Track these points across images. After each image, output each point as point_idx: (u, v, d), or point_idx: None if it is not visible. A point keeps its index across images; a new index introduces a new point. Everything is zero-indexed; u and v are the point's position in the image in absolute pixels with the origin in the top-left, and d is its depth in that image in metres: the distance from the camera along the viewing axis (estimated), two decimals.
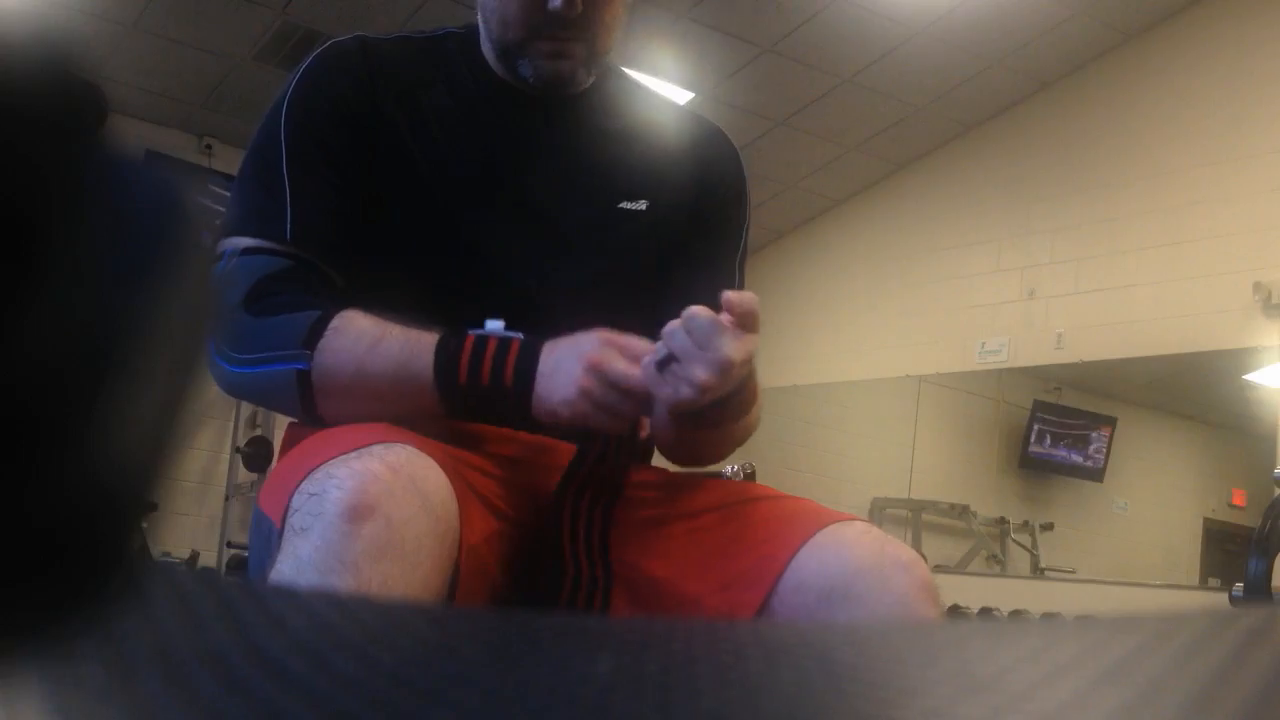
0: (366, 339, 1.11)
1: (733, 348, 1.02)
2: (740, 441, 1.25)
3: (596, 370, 1.06)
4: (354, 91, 1.24)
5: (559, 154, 1.29)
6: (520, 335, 1.12)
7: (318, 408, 1.13)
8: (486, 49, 1.29)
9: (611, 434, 1.13)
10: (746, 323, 1.03)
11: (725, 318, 1.03)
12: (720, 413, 1.10)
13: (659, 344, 1.05)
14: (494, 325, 1.15)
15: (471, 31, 1.32)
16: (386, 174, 1.23)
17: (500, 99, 1.28)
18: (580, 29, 1.21)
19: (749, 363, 1.06)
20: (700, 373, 1.02)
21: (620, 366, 1.06)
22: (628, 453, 1.19)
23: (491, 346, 1.10)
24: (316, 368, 1.11)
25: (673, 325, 1.04)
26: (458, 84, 1.28)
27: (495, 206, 1.25)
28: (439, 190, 1.23)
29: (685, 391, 1.02)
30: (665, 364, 1.04)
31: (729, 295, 1.03)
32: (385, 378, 1.11)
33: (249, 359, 1.14)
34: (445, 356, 1.10)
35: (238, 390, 1.19)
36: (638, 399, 1.07)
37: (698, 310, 1.03)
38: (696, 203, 1.33)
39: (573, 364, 1.07)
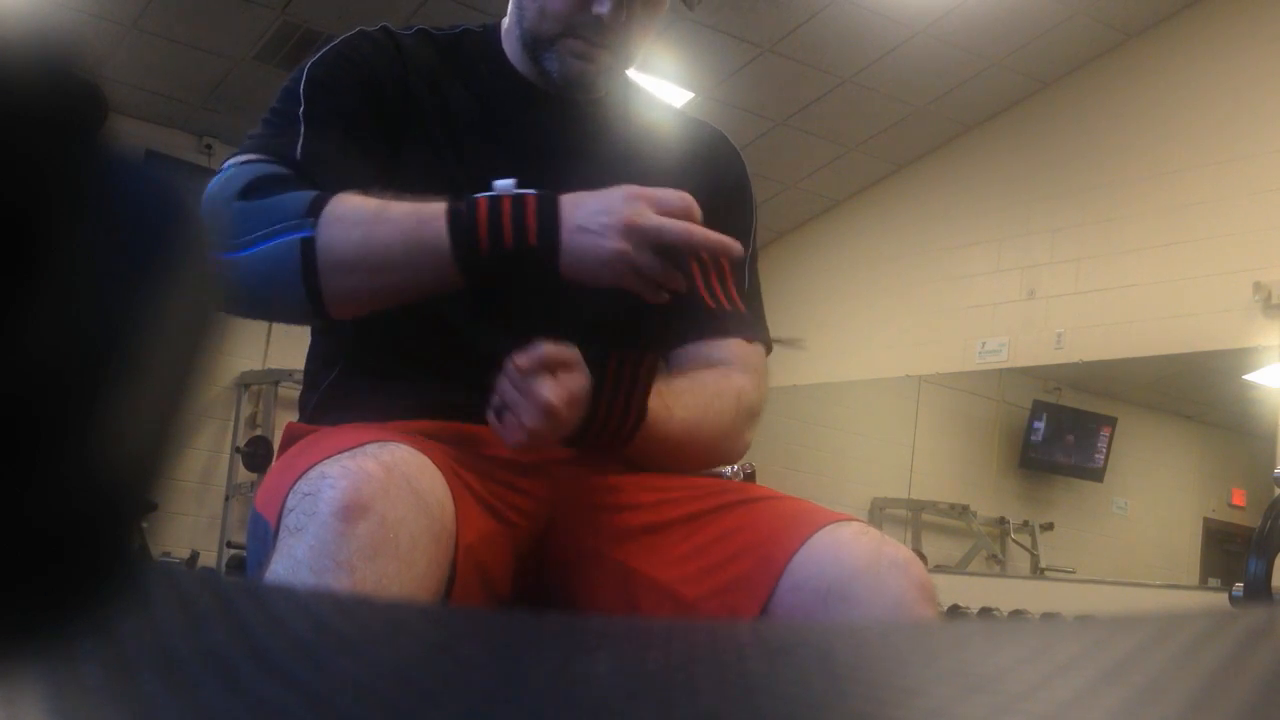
0: (372, 207, 1.08)
1: (552, 392, 1.05)
2: (702, 448, 1.25)
3: (633, 230, 1.05)
4: (385, 68, 1.24)
5: (572, 155, 1.30)
6: (531, 191, 1.08)
7: (322, 284, 1.07)
8: (512, 40, 1.30)
9: (650, 300, 1.11)
10: (558, 364, 1.06)
11: (522, 364, 1.06)
12: (608, 440, 1.12)
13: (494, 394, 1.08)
14: (504, 184, 1.10)
15: (489, 30, 1.34)
16: (415, 158, 1.23)
17: (517, 98, 1.30)
18: (613, 37, 1.23)
19: (575, 403, 1.07)
20: (527, 419, 1.05)
21: (656, 221, 1.06)
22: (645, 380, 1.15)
23: (507, 207, 1.07)
24: (322, 235, 1.06)
25: (501, 376, 1.07)
26: (476, 80, 1.30)
27: None
28: (461, 183, 1.23)
29: (518, 437, 1.06)
30: (500, 412, 1.08)
31: (545, 347, 1.06)
32: (396, 244, 1.07)
33: (247, 239, 1.07)
34: (460, 223, 1.06)
35: (236, 285, 1.10)
36: (677, 258, 1.07)
37: (516, 359, 1.06)
38: (705, 206, 1.34)
39: (606, 223, 1.06)
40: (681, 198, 1.09)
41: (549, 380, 1.05)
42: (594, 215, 1.06)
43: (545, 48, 1.25)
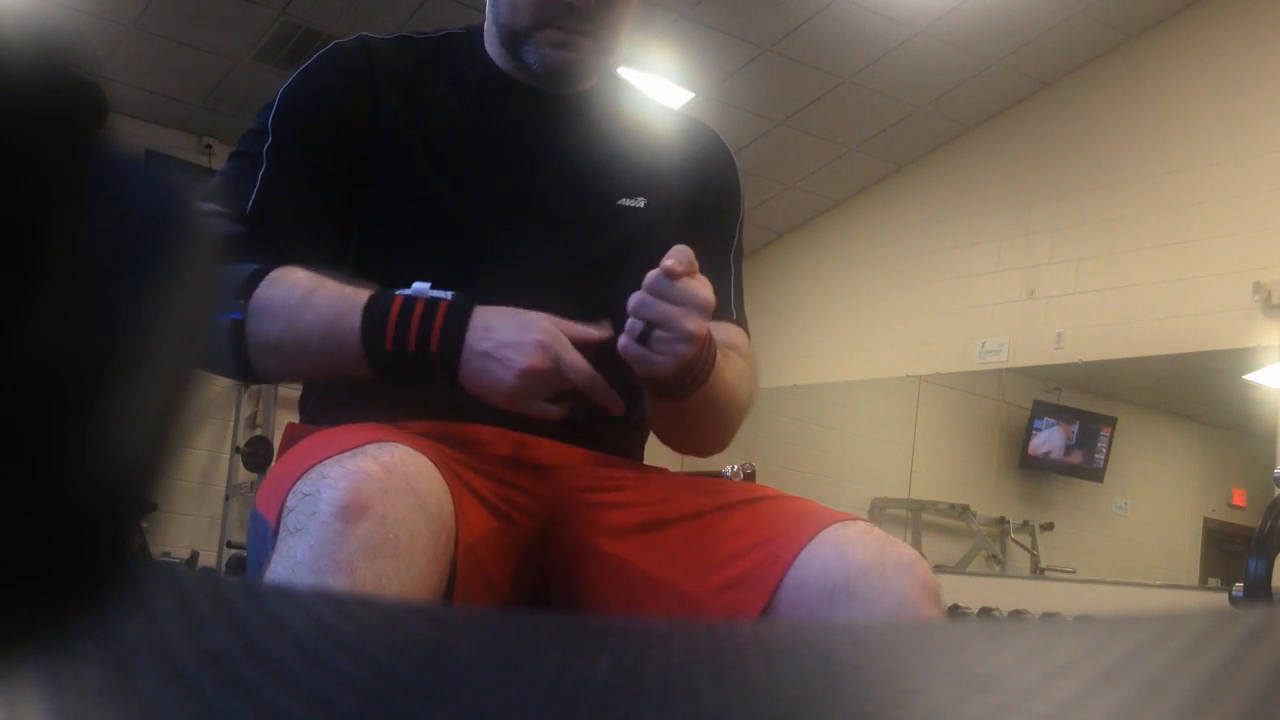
0: (299, 291, 1.10)
1: (705, 291, 1.06)
2: (733, 416, 1.25)
3: (533, 374, 1.06)
4: (353, 91, 1.25)
5: (560, 151, 1.30)
6: (449, 295, 1.10)
7: (251, 362, 1.12)
8: (491, 37, 1.31)
9: (544, 419, 1.11)
10: (692, 269, 1.07)
11: (677, 269, 1.05)
12: (700, 371, 1.11)
13: (630, 321, 1.06)
14: (420, 287, 1.12)
15: (472, 32, 1.34)
16: (386, 170, 1.24)
17: (502, 96, 1.30)
18: (589, 23, 1.23)
19: (713, 303, 1.08)
20: (690, 323, 1.05)
21: (564, 360, 1.07)
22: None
23: (417, 311, 1.08)
24: (250, 318, 1.10)
25: (641, 296, 1.05)
26: (459, 81, 1.30)
27: (495, 200, 1.26)
28: (439, 184, 1.24)
29: (682, 349, 1.05)
30: (646, 336, 1.05)
31: (667, 261, 1.05)
32: (314, 334, 1.09)
33: None
34: (371, 318, 1.08)
35: None
36: (580, 393, 1.08)
37: (658, 273, 1.05)
38: (692, 201, 1.35)
39: (508, 360, 1.06)
40: (599, 334, 1.10)
41: (695, 282, 1.06)
42: (501, 345, 1.07)
43: (523, 41, 1.25)
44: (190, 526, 6.07)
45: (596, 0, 1.21)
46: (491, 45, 1.32)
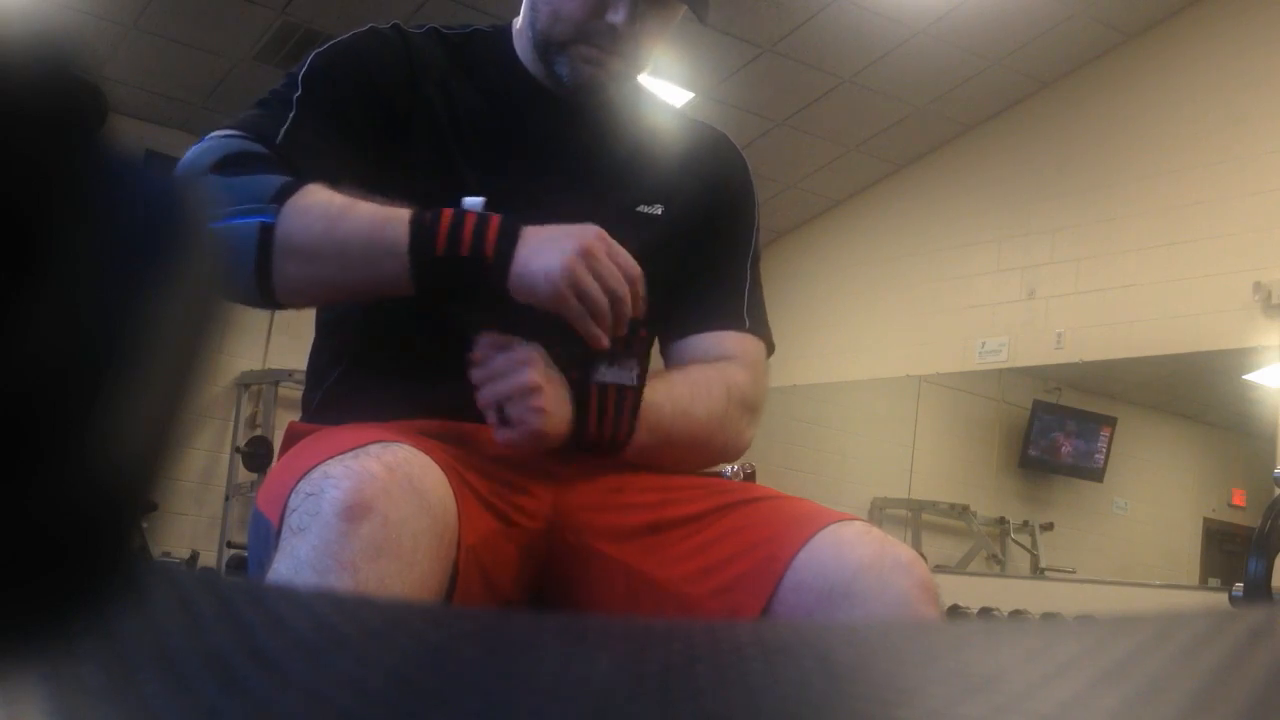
0: (339, 202, 1.09)
1: (520, 352, 1.10)
2: (705, 441, 1.25)
3: (589, 256, 1.06)
4: (391, 66, 1.25)
5: (580, 156, 1.31)
6: (499, 213, 1.10)
7: (274, 272, 1.08)
8: (523, 42, 1.31)
9: (583, 336, 1.10)
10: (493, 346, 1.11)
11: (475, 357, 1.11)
12: (609, 424, 1.14)
13: (488, 417, 1.10)
14: (473, 202, 1.12)
15: (500, 32, 1.35)
16: (423, 157, 1.24)
17: (526, 99, 1.30)
18: (624, 45, 1.24)
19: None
20: (521, 378, 1.09)
21: (613, 260, 1.07)
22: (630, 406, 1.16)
23: (471, 219, 1.08)
24: (282, 224, 1.07)
25: (479, 393, 1.10)
26: (485, 80, 1.31)
27: (514, 201, 1.26)
28: (470, 180, 1.23)
29: (536, 404, 1.09)
30: (505, 419, 1.09)
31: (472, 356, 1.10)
32: (356, 242, 1.07)
33: (212, 215, 1.10)
34: (422, 225, 1.07)
35: None
36: (621, 300, 1.08)
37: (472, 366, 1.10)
38: (708, 209, 1.36)
39: (562, 244, 1.06)
40: (634, 264, 1.10)
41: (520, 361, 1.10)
42: (551, 239, 1.07)
43: (557, 52, 1.26)
44: (190, 526, 6.08)
45: (639, 25, 1.22)
46: (523, 48, 1.32)
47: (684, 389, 1.22)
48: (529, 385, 1.08)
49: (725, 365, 1.28)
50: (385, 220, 1.07)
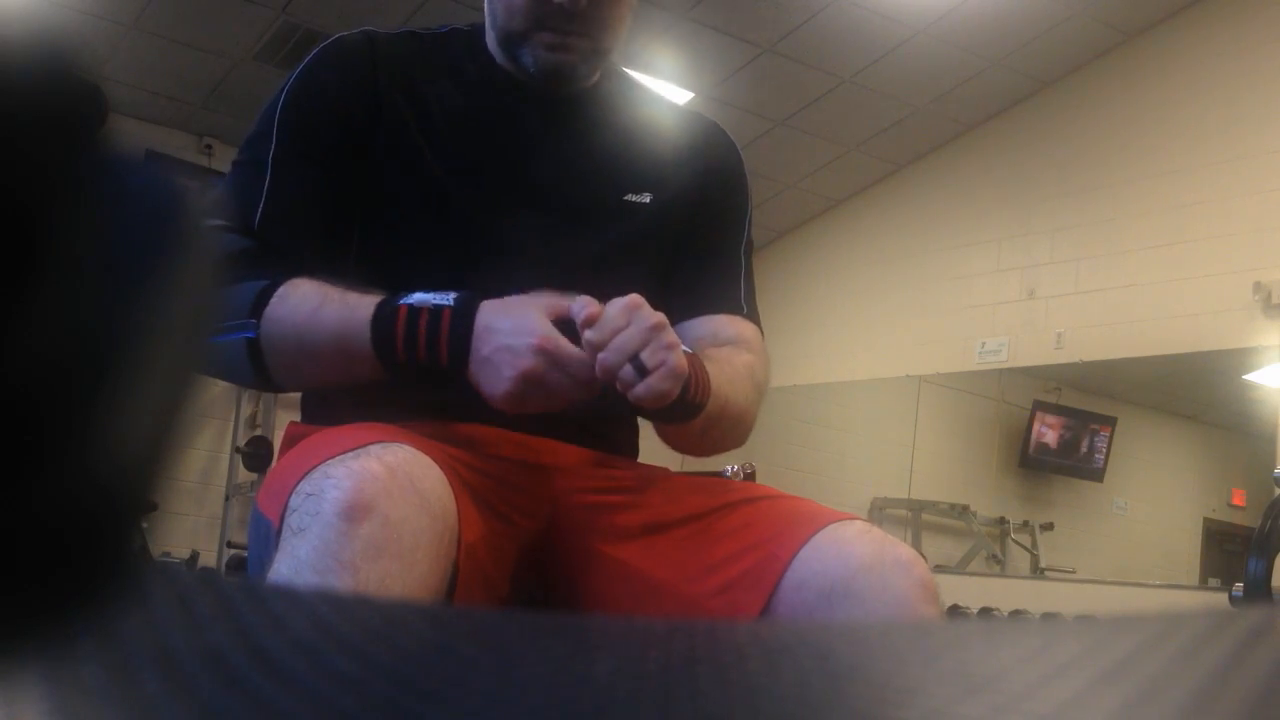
0: (307, 306, 1.13)
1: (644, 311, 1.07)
2: (743, 418, 1.24)
3: (528, 381, 1.06)
4: (355, 87, 1.25)
5: (564, 148, 1.30)
6: (450, 300, 1.10)
7: (271, 376, 1.16)
8: (490, 39, 1.31)
9: (551, 411, 1.11)
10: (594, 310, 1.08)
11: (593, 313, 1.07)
12: (697, 390, 1.11)
13: (625, 369, 1.05)
14: (421, 296, 1.12)
15: (476, 29, 1.34)
16: (391, 164, 1.24)
17: (505, 93, 1.30)
18: (583, 24, 1.23)
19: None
20: (665, 336, 1.05)
21: (569, 348, 1.07)
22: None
23: (424, 320, 1.09)
24: (264, 335, 1.13)
25: (606, 349, 1.05)
26: (463, 78, 1.30)
27: (500, 197, 1.26)
28: (444, 178, 1.24)
29: (672, 360, 1.05)
30: (641, 368, 1.04)
31: (580, 314, 1.07)
32: (327, 349, 1.12)
33: None
34: (380, 331, 1.10)
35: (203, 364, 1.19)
36: (582, 380, 1.07)
37: (589, 319, 1.06)
38: (699, 195, 1.36)
39: (503, 370, 1.06)
40: (586, 365, 1.07)
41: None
42: (499, 349, 1.07)
43: (519, 44, 1.26)
44: (190, 526, 6.07)
45: (587, 1, 1.21)
46: (493, 46, 1.32)
47: (723, 368, 1.21)
48: (659, 323, 1.06)
49: (739, 349, 1.28)
50: (349, 328, 1.11)
